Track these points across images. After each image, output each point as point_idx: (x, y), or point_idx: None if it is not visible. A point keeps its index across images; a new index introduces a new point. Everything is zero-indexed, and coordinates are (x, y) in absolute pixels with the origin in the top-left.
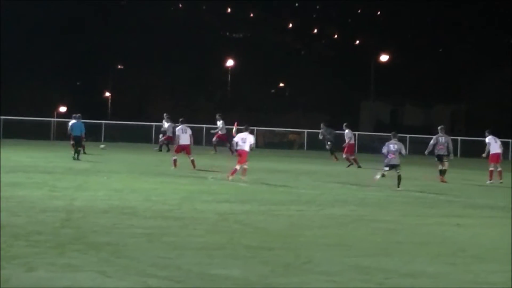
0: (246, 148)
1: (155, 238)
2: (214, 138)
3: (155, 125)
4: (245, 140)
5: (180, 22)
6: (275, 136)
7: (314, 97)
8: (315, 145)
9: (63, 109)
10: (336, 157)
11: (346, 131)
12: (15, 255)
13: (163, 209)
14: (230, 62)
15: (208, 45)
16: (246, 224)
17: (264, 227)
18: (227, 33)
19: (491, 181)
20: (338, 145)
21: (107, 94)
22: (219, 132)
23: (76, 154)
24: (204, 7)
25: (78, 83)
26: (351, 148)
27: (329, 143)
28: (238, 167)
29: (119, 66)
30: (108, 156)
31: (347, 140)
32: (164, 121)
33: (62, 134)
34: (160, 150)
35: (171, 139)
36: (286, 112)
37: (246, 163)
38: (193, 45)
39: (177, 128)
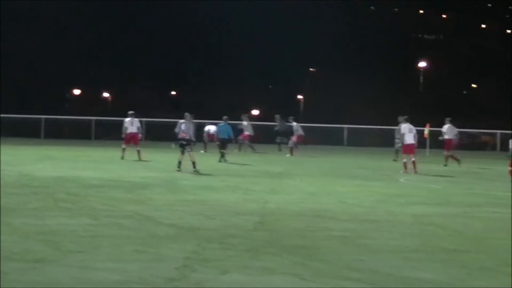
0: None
1: (349, 241)
2: (241, 138)
3: (347, 127)
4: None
5: (373, 24)
6: (467, 138)
7: (505, 99)
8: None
9: (255, 112)
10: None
11: None
12: (209, 258)
13: (357, 211)
14: (422, 64)
15: (400, 47)
16: (441, 227)
17: (459, 230)
18: (419, 35)
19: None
20: None
21: (300, 96)
22: (245, 132)
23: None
24: (395, 9)
25: (270, 87)
26: None
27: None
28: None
29: (311, 69)
30: (301, 159)
31: None
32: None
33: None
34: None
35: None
36: (479, 113)
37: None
38: (384, 47)
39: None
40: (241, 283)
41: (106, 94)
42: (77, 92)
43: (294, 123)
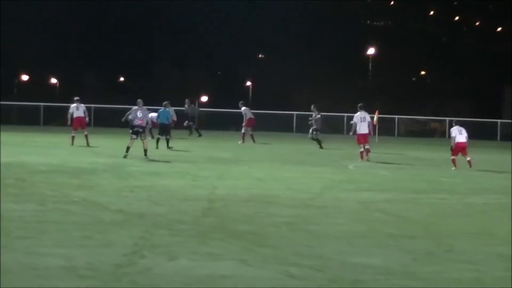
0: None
1: (296, 227)
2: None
3: (296, 114)
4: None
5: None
6: (416, 125)
7: (455, 85)
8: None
9: (204, 98)
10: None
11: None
12: (158, 244)
13: (304, 197)
14: (371, 51)
15: (349, 33)
16: (388, 213)
17: (405, 216)
18: (368, 22)
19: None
20: None
21: (248, 83)
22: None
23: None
24: None
25: (219, 73)
26: None
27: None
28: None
29: (260, 56)
30: (248, 145)
31: None
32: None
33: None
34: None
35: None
36: (427, 100)
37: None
38: (333, 34)
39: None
40: (189, 268)
41: (54, 80)
42: (25, 77)
43: (243, 108)
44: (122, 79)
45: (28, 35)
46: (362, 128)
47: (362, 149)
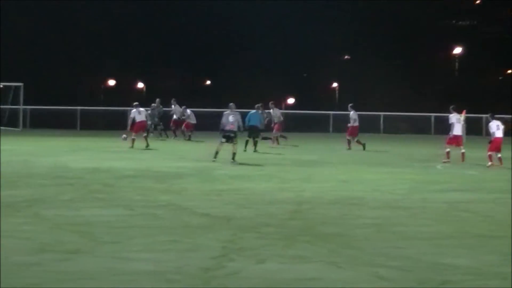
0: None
1: (383, 228)
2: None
3: (383, 114)
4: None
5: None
6: (504, 124)
7: None
8: None
9: (290, 100)
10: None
11: None
12: (245, 247)
13: (391, 199)
14: (457, 50)
15: (433, 33)
16: (475, 213)
17: (493, 216)
18: (453, 21)
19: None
20: None
21: (334, 84)
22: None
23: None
24: None
25: (305, 75)
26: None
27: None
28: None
29: (346, 57)
30: (334, 147)
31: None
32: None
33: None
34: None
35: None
36: None
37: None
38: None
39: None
40: (276, 271)
41: (140, 85)
42: (111, 83)
43: (352, 112)
44: (208, 82)
45: (113, 40)
46: (456, 129)
47: (448, 149)
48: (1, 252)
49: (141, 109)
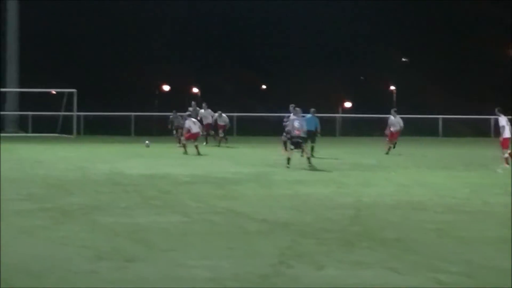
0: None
1: (444, 233)
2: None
3: (441, 118)
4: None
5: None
6: None
7: None
8: None
9: (348, 104)
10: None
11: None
12: (304, 253)
13: (452, 203)
14: None
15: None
16: None
17: None
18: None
19: None
20: None
21: (392, 87)
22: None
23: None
24: None
25: (362, 78)
26: None
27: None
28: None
29: (404, 59)
30: (395, 151)
31: None
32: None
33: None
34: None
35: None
36: None
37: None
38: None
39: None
40: (336, 277)
41: (195, 90)
42: (166, 88)
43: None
44: (264, 86)
45: (168, 45)
46: (506, 132)
47: (506, 155)
48: (58, 260)
49: (195, 119)
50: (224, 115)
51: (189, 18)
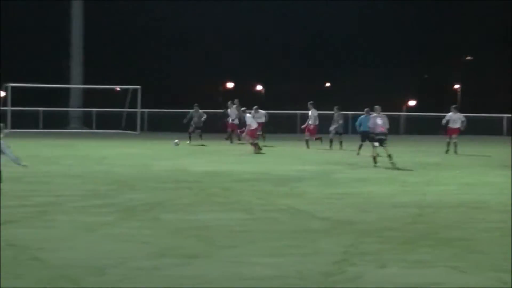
0: None
1: (508, 232)
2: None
3: (506, 116)
4: None
5: None
6: None
7: None
8: None
9: (412, 103)
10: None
11: None
12: (367, 251)
13: None
14: None
15: None
16: None
17: None
18: None
19: None
20: None
21: (456, 86)
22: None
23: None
24: None
25: (426, 76)
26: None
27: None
28: None
29: (468, 58)
30: (460, 150)
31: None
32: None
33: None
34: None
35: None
36: None
37: None
38: None
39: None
40: (399, 276)
41: (259, 87)
42: (230, 85)
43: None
44: (328, 84)
45: (232, 43)
46: None
47: None
48: (120, 256)
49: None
50: (261, 111)
51: (253, 17)
